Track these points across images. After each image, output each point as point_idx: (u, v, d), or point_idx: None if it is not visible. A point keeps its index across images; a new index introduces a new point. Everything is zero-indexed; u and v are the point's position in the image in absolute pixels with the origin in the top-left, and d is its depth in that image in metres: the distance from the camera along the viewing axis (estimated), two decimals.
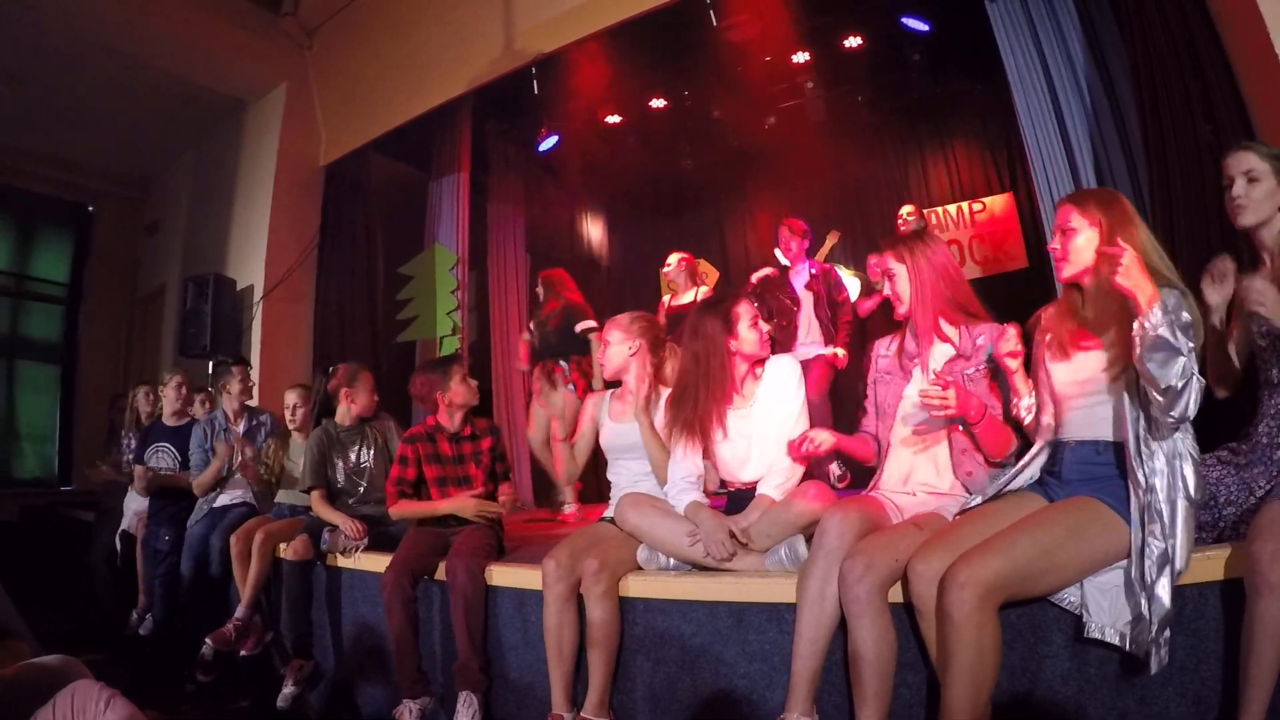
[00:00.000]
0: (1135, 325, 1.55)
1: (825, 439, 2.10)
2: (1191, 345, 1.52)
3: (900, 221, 4.91)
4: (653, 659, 2.21)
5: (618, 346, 2.56)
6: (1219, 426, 1.90)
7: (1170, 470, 1.59)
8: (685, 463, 2.31)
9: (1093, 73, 3.57)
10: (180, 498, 3.85)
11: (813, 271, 4.55)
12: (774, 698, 1.95)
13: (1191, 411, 1.53)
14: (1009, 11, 3.78)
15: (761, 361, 2.37)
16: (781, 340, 4.31)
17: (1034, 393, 1.92)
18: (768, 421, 2.29)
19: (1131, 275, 1.55)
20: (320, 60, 6.14)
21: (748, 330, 2.31)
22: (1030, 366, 1.94)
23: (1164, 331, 1.50)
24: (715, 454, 2.34)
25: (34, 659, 1.59)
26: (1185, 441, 1.63)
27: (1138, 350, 1.54)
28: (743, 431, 2.32)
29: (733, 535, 2.11)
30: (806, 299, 4.50)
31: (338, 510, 3.18)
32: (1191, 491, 1.59)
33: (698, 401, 2.30)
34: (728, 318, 2.31)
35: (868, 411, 2.23)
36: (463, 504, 2.85)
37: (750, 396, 2.34)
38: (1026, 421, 1.92)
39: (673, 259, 4.95)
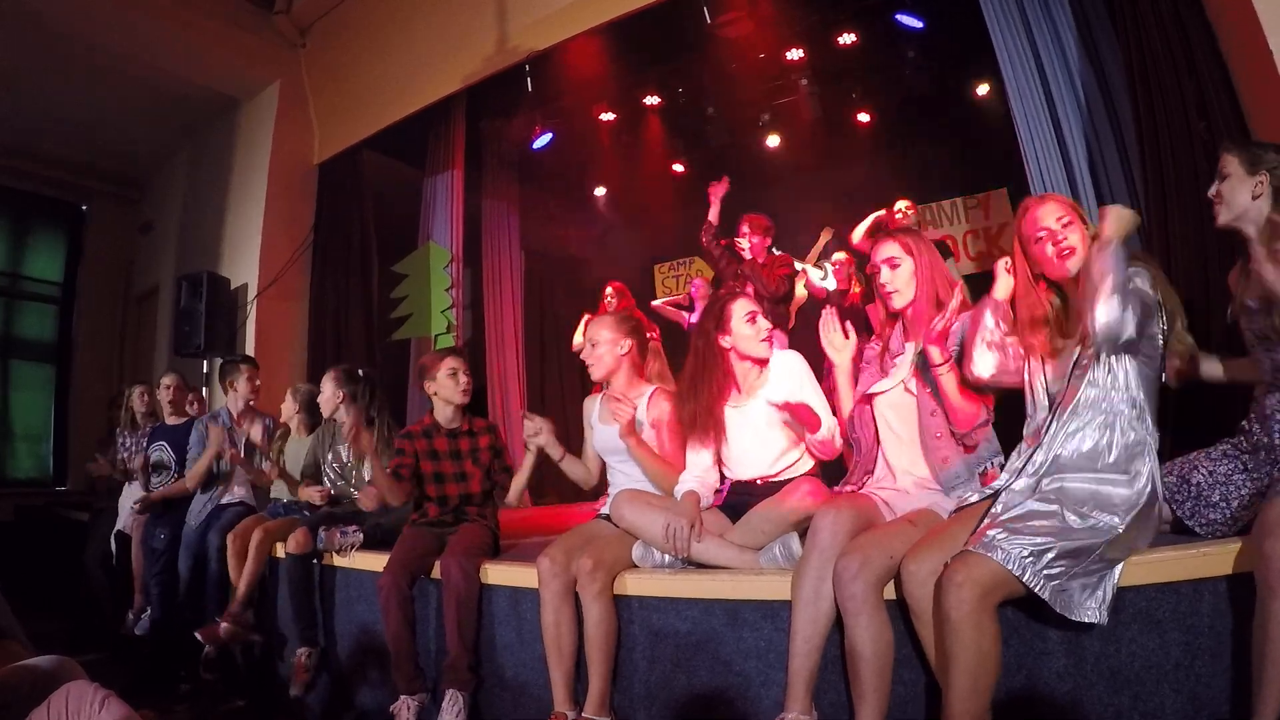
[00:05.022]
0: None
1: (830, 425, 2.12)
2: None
3: (899, 214, 4.72)
4: (648, 657, 2.22)
5: (607, 347, 2.52)
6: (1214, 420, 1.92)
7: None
8: (696, 457, 2.32)
9: (1087, 69, 3.56)
10: (178, 497, 3.84)
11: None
12: (769, 694, 1.95)
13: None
14: (1003, 7, 3.77)
15: (765, 360, 2.33)
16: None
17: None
18: (769, 416, 2.27)
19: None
20: (314, 58, 6.12)
21: (743, 326, 2.30)
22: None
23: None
24: (721, 450, 2.35)
25: (28, 660, 1.58)
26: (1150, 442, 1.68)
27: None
28: (744, 428, 2.31)
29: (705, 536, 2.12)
30: None
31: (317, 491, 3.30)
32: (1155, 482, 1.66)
33: (698, 398, 2.30)
34: (721, 314, 2.31)
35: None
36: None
37: (751, 392, 2.32)
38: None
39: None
